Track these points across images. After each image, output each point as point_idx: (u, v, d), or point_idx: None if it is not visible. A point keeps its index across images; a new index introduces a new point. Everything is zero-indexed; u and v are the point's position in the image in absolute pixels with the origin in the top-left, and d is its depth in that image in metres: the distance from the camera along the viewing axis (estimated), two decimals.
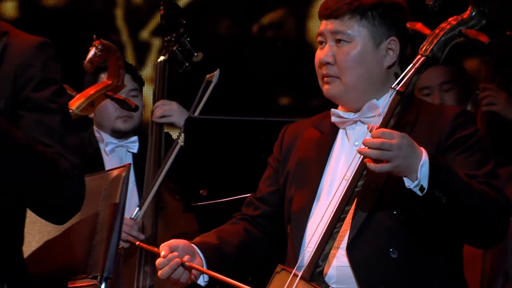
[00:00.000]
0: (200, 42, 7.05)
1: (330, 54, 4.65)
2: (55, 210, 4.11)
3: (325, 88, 4.66)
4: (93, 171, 4.97)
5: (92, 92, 6.10)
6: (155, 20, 8.62)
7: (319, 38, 4.69)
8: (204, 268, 4.54)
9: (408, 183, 4.20)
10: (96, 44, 6.19)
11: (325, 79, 4.65)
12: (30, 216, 4.39)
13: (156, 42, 8.44)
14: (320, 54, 4.65)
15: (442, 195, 4.22)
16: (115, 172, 4.58)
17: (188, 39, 6.73)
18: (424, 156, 4.20)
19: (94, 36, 6.48)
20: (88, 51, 5.96)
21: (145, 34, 8.70)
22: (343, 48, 4.65)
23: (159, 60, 6.81)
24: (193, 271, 4.49)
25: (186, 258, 4.40)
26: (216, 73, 6.46)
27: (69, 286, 4.66)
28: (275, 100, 8.80)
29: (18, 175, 4.08)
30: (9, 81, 4.16)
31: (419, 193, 4.20)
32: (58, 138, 4.12)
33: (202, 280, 4.56)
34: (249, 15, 8.72)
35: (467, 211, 4.32)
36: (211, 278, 4.57)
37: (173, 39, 6.83)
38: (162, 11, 6.89)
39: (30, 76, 4.17)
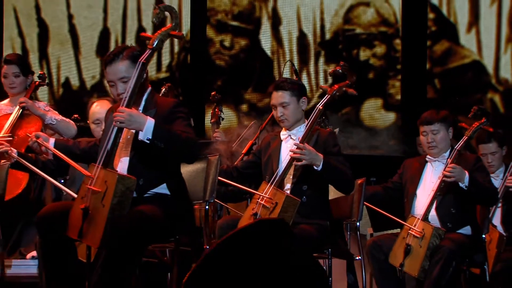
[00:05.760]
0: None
1: (431, 139, 4.93)
2: None
3: (430, 152, 4.99)
4: None
5: None
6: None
7: (423, 134, 4.98)
8: None
9: (461, 185, 4.71)
10: None
11: (430, 148, 4.96)
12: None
13: None
14: (426, 140, 4.96)
15: (474, 189, 4.73)
16: None
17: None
18: (467, 173, 4.71)
19: None
20: None
21: None
22: (436, 135, 4.92)
23: None
24: None
25: None
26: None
27: (344, 222, 4.94)
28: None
29: (335, 178, 4.39)
30: (322, 148, 4.45)
31: (465, 189, 4.72)
32: (345, 163, 4.40)
33: None
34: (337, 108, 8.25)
35: (484, 195, 4.81)
36: None
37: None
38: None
39: (329, 143, 4.48)
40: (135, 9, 8.17)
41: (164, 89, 5.95)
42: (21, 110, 5.25)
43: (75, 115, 5.81)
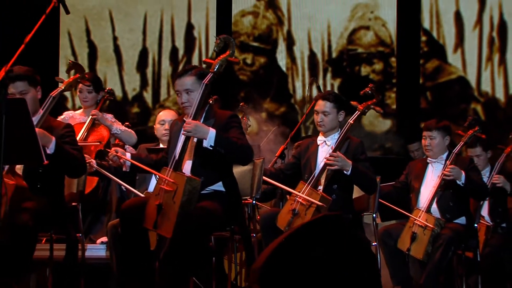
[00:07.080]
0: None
1: (428, 143, 4.98)
2: None
3: (427, 153, 5.05)
4: None
5: None
6: None
7: (423, 137, 5.03)
8: None
9: (458, 182, 4.79)
10: None
11: (426, 150, 5.02)
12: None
13: None
14: (425, 143, 5.02)
15: (470, 186, 4.82)
16: None
17: None
18: (464, 173, 4.80)
19: None
20: None
21: None
22: (432, 140, 4.97)
23: None
24: None
25: None
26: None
27: (362, 215, 4.86)
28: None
29: (361, 181, 4.40)
30: (352, 154, 4.47)
31: (462, 185, 4.80)
32: (370, 168, 4.40)
33: None
34: None
35: (477, 191, 4.90)
36: None
37: None
38: None
39: (358, 151, 4.49)
40: (169, 31, 8.23)
41: (211, 101, 5.62)
42: (92, 120, 5.38)
43: (127, 123, 5.85)
